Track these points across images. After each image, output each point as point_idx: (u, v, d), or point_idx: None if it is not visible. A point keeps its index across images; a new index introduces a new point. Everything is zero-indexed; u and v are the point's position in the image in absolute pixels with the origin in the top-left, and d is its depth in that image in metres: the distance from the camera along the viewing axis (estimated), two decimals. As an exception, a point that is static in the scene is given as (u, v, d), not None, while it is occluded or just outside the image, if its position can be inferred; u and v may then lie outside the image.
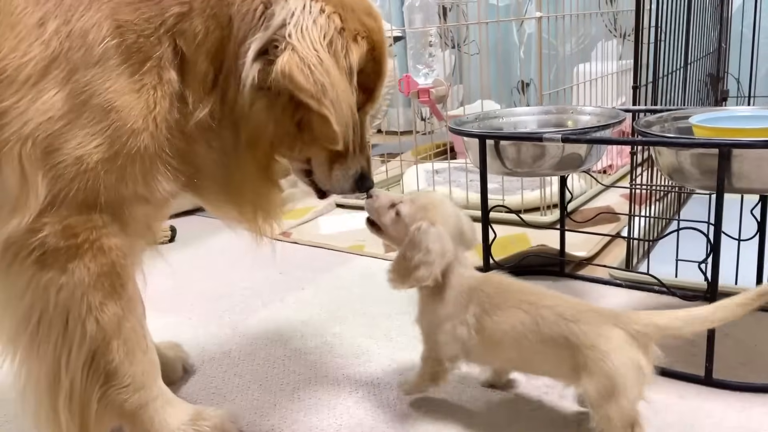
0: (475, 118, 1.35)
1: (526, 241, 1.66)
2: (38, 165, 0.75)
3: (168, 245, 1.91)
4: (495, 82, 3.05)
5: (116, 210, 0.81)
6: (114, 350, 0.84)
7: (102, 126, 0.77)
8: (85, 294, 0.80)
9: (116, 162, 0.79)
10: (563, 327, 0.84)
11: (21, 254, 0.77)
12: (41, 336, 0.80)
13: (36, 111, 0.74)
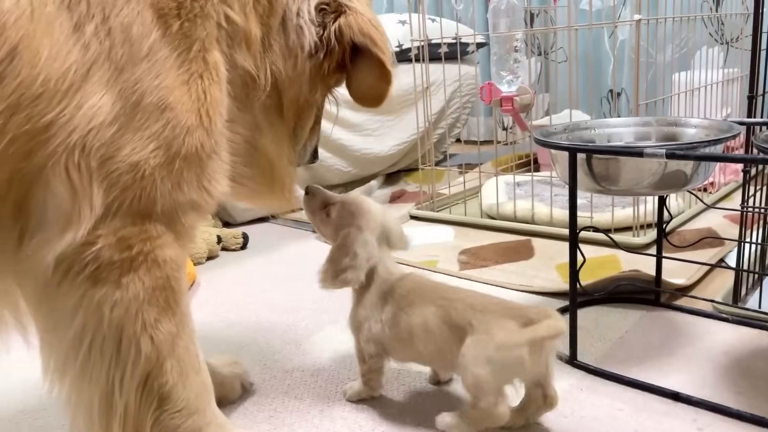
0: (564, 128, 1.23)
1: (616, 264, 1.52)
2: (90, 175, 0.69)
3: (240, 252, 1.90)
4: (584, 92, 2.89)
5: (171, 219, 0.75)
6: (168, 371, 0.78)
7: (158, 127, 0.72)
8: (140, 310, 0.75)
9: (173, 166, 0.73)
10: (470, 315, 0.91)
11: (72, 270, 0.71)
12: (94, 358, 0.74)
13: (82, 118, 0.68)
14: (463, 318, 0.92)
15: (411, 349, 0.99)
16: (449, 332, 0.93)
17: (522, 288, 1.46)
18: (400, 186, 2.55)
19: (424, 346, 0.96)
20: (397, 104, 2.57)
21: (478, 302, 0.94)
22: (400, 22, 2.63)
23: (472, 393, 0.89)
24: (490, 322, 0.89)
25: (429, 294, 0.98)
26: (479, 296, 0.96)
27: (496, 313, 0.91)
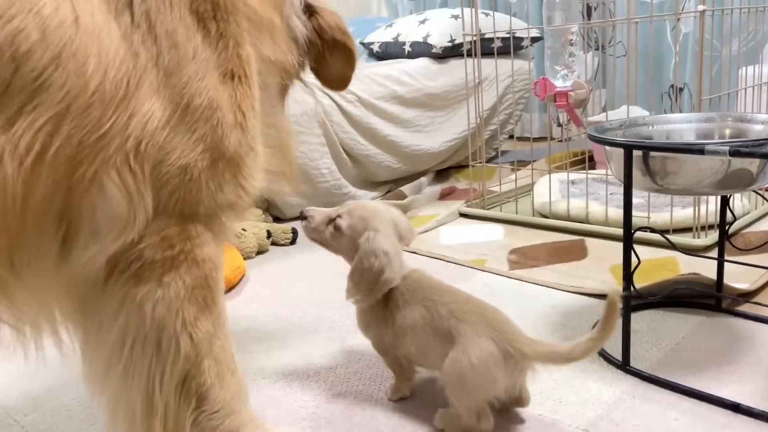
0: (620, 124, 1.19)
1: (674, 266, 1.46)
2: (144, 179, 0.70)
3: (289, 247, 1.91)
4: (643, 87, 2.78)
5: (211, 219, 0.76)
6: (206, 371, 0.78)
7: (206, 129, 0.73)
8: (180, 309, 0.75)
9: (217, 168, 0.74)
10: (451, 323, 0.92)
11: (117, 269, 0.72)
12: (136, 357, 0.74)
13: (137, 125, 0.68)
14: (445, 326, 0.93)
15: (405, 348, 1.00)
16: (433, 337, 0.94)
17: (573, 289, 1.41)
18: (450, 183, 2.52)
19: (414, 346, 0.98)
20: (449, 100, 2.54)
21: (461, 309, 0.94)
22: (453, 17, 2.60)
23: (455, 408, 0.92)
24: (468, 337, 0.90)
25: (421, 294, 0.98)
26: (464, 302, 0.96)
27: (476, 325, 0.91)
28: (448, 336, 0.92)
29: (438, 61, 2.56)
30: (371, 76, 2.36)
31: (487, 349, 0.88)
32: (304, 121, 2.12)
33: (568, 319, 1.29)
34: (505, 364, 0.88)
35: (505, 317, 0.94)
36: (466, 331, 0.91)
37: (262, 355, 1.23)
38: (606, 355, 1.12)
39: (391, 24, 2.78)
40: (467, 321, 0.92)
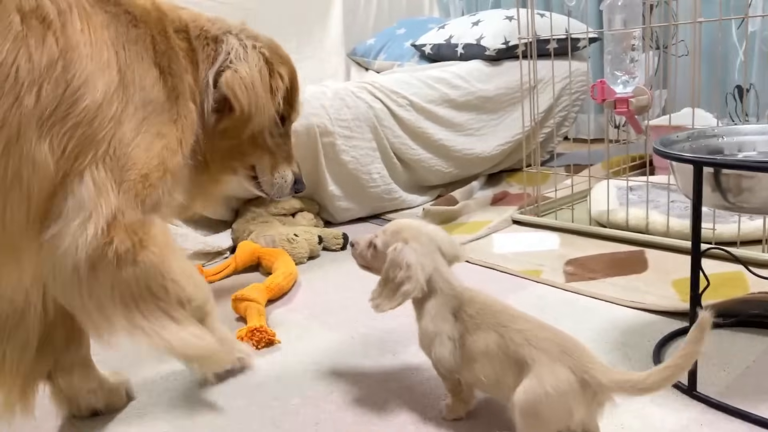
0: (688, 136, 1.13)
1: (743, 282, 1.39)
2: (113, 179, 0.93)
3: (339, 253, 1.91)
4: (707, 88, 2.67)
5: (157, 212, 1.02)
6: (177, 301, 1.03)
7: (159, 148, 1.00)
8: (157, 267, 0.99)
9: (166, 178, 1.01)
10: (526, 351, 0.89)
11: (102, 263, 0.93)
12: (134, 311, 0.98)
13: (119, 138, 0.95)
14: (520, 353, 0.90)
15: (472, 374, 0.97)
16: (507, 364, 0.91)
17: (633, 305, 1.36)
18: (502, 187, 2.48)
19: (483, 373, 0.95)
20: (502, 102, 2.50)
21: (536, 336, 0.90)
22: (507, 18, 2.55)
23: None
24: (544, 365, 0.86)
25: (492, 319, 0.95)
26: (538, 328, 0.92)
27: (552, 352, 0.87)
28: (522, 364, 0.89)
29: (491, 63, 2.52)
30: (423, 79, 2.33)
31: (563, 378, 0.85)
32: (355, 126, 2.11)
33: (628, 337, 1.24)
34: (582, 395, 0.84)
35: (581, 344, 0.89)
36: (541, 359, 0.87)
37: (314, 367, 1.23)
38: (670, 378, 1.07)
39: (444, 25, 2.75)
40: (543, 348, 0.88)
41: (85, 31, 0.93)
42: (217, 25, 1.19)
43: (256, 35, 1.22)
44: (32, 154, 0.87)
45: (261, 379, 1.19)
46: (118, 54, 0.97)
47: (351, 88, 2.16)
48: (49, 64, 0.88)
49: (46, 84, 0.88)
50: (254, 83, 1.14)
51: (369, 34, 3.13)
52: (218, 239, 1.94)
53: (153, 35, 1.04)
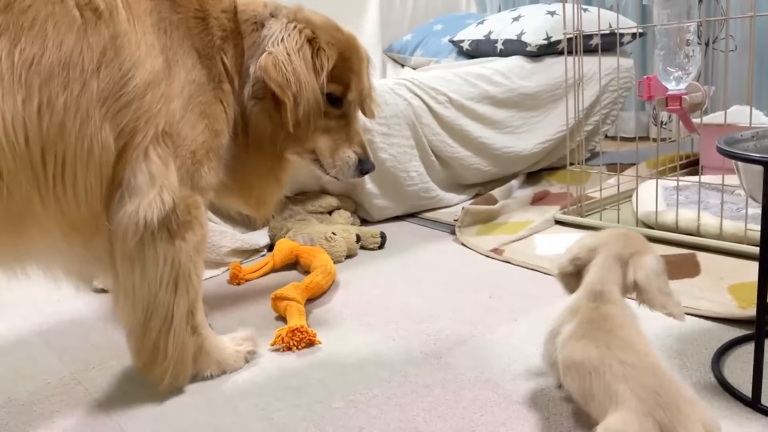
0: (753, 135, 1.08)
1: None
2: (172, 153, 1.04)
3: (377, 252, 1.88)
4: (758, 85, 2.58)
5: (204, 193, 1.11)
6: (197, 299, 1.13)
7: (202, 127, 1.08)
8: (193, 256, 1.08)
9: (210, 155, 1.10)
10: (620, 387, 0.83)
11: (162, 230, 1.03)
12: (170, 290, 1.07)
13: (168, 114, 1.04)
14: (612, 386, 0.84)
15: (566, 382, 0.94)
16: (597, 388, 0.87)
17: (688, 310, 1.30)
18: (542, 186, 2.42)
19: (571, 382, 0.93)
20: (543, 99, 2.44)
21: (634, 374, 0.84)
22: (549, 13, 2.49)
23: None
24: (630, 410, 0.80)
25: (602, 336, 0.91)
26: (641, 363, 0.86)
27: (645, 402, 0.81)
28: (612, 396, 0.84)
29: (532, 59, 2.46)
30: (463, 76, 2.29)
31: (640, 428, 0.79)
32: (393, 123, 2.08)
33: (683, 345, 1.19)
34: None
35: (677, 385, 0.84)
36: (629, 402, 0.81)
37: (357, 369, 1.20)
38: (731, 388, 1.02)
39: (483, 21, 2.70)
40: (634, 389, 0.82)
41: (130, 19, 1.01)
42: (268, 9, 1.20)
43: (307, 17, 1.21)
44: (99, 131, 0.97)
45: (303, 381, 1.17)
46: (161, 38, 1.04)
47: (390, 84, 2.13)
48: (103, 51, 0.97)
49: (103, 68, 0.97)
50: (290, 62, 1.14)
51: (405, 30, 3.09)
52: (256, 237, 1.93)
53: (192, 19, 1.10)
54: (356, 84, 1.28)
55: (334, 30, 1.24)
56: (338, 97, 1.26)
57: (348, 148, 1.29)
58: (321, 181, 2.04)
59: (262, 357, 1.27)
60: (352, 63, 1.26)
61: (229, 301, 1.57)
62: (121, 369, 1.25)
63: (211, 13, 1.13)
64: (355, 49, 1.27)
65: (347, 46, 1.25)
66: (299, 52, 1.16)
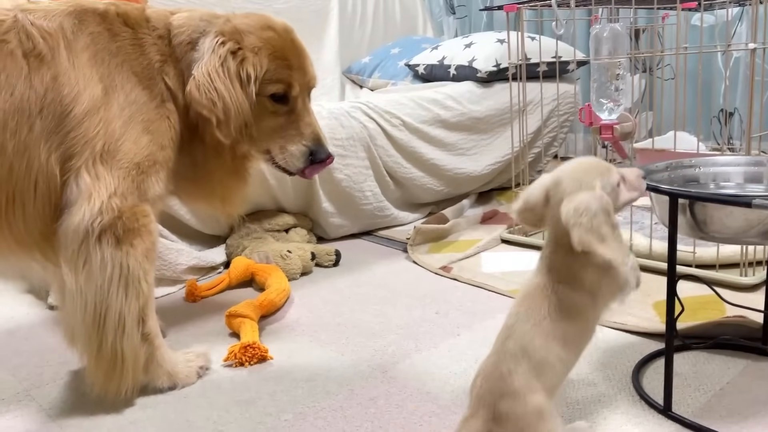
0: (666, 166, 1.19)
1: (719, 306, 1.44)
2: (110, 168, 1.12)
3: (332, 269, 1.95)
4: (692, 111, 2.74)
5: (153, 204, 1.18)
6: (149, 306, 1.20)
7: (146, 142, 1.17)
8: (142, 261, 1.16)
9: (155, 167, 1.18)
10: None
11: (106, 235, 1.11)
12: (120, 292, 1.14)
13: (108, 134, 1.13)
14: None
15: None
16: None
17: (614, 325, 1.41)
18: (492, 206, 2.53)
19: None
20: (493, 123, 2.55)
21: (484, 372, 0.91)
22: (499, 41, 2.61)
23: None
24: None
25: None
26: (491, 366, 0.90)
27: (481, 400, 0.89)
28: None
29: (483, 85, 2.58)
30: (416, 100, 2.39)
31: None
32: (349, 145, 2.16)
33: (609, 358, 1.29)
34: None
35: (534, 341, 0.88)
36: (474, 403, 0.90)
37: (306, 383, 1.27)
38: (647, 398, 1.12)
39: (437, 46, 2.81)
40: (477, 394, 0.90)
41: (70, 58, 1.12)
42: (201, 27, 1.25)
43: (234, 27, 1.24)
44: (44, 166, 1.10)
45: (254, 395, 1.23)
46: (99, 68, 1.14)
47: (346, 107, 2.21)
48: (46, 91, 1.10)
49: (45, 109, 1.09)
50: (212, 83, 1.19)
51: (364, 52, 3.19)
52: (212, 254, 1.97)
53: (129, 46, 1.19)
54: (298, 78, 1.30)
55: (264, 30, 1.26)
56: (283, 95, 1.29)
57: (299, 141, 1.32)
58: (278, 199, 2.10)
59: (215, 372, 1.33)
60: (290, 60, 1.29)
61: (185, 318, 1.62)
62: (75, 384, 1.29)
63: (146, 40, 1.21)
64: (290, 45, 1.29)
65: (281, 45, 1.27)
66: (222, 69, 1.20)
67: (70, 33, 1.14)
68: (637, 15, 2.44)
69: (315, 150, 1.33)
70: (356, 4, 3.21)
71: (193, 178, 1.33)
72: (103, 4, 1.21)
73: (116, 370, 1.16)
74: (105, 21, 1.18)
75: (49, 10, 1.15)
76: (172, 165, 1.23)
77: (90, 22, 1.17)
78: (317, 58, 3.00)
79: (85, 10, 1.18)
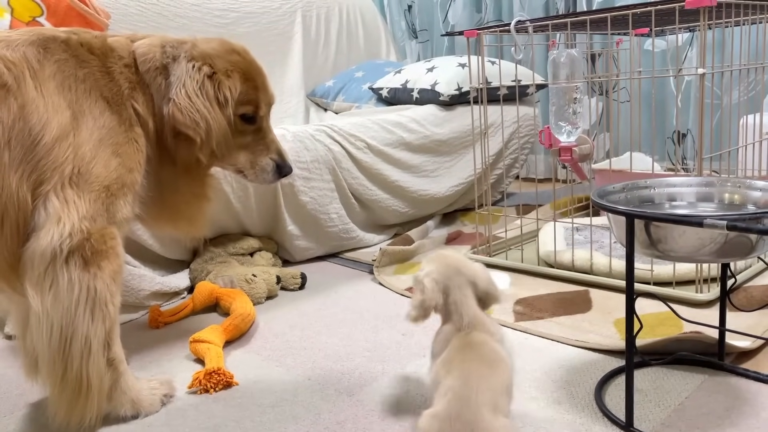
0: (623, 188, 1.23)
1: (677, 322, 1.48)
2: (81, 192, 1.12)
3: (298, 292, 1.94)
4: (647, 132, 2.84)
5: (120, 226, 1.19)
6: (115, 329, 1.19)
7: (116, 165, 1.18)
8: (109, 285, 1.15)
9: (123, 190, 1.19)
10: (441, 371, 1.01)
11: (73, 257, 1.10)
12: (87, 315, 1.13)
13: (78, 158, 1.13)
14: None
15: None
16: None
17: (577, 344, 1.44)
18: (456, 226, 2.56)
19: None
20: (455, 146, 2.59)
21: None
22: (460, 65, 2.66)
23: None
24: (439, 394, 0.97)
25: (458, 366, 0.99)
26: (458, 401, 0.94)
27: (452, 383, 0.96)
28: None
29: (445, 108, 2.62)
30: (380, 123, 2.41)
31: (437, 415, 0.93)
32: (314, 167, 2.17)
33: (572, 375, 1.31)
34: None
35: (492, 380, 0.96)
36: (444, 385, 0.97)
37: (272, 408, 1.26)
38: (609, 414, 1.14)
39: (400, 70, 2.85)
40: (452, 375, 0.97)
41: (37, 87, 1.13)
42: (168, 54, 1.29)
43: (203, 52, 1.30)
44: (15, 194, 1.09)
45: (219, 422, 1.21)
46: (67, 95, 1.15)
47: (310, 130, 2.23)
48: (14, 122, 1.09)
49: (13, 139, 1.09)
50: (193, 104, 1.24)
51: (328, 75, 3.21)
52: (176, 279, 1.95)
53: (97, 72, 1.21)
54: (263, 98, 1.39)
55: (230, 54, 1.33)
56: (251, 116, 1.37)
57: (266, 156, 1.41)
58: (242, 222, 2.09)
59: (180, 400, 1.30)
60: (256, 81, 1.37)
61: (148, 345, 1.59)
62: (35, 415, 1.26)
63: (114, 69, 1.24)
64: (253, 66, 1.37)
65: (247, 67, 1.35)
66: (201, 92, 1.26)
67: (36, 62, 1.14)
68: (593, 40, 2.52)
69: (281, 164, 1.43)
70: (320, 28, 3.24)
71: (160, 199, 1.34)
72: (64, 33, 1.21)
73: (81, 396, 1.14)
74: (69, 48, 1.19)
75: (10, 40, 1.14)
76: (138, 188, 1.24)
77: (55, 50, 1.17)
78: (281, 81, 3.01)
79: (48, 38, 1.18)
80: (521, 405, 1.21)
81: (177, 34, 2.66)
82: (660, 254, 1.06)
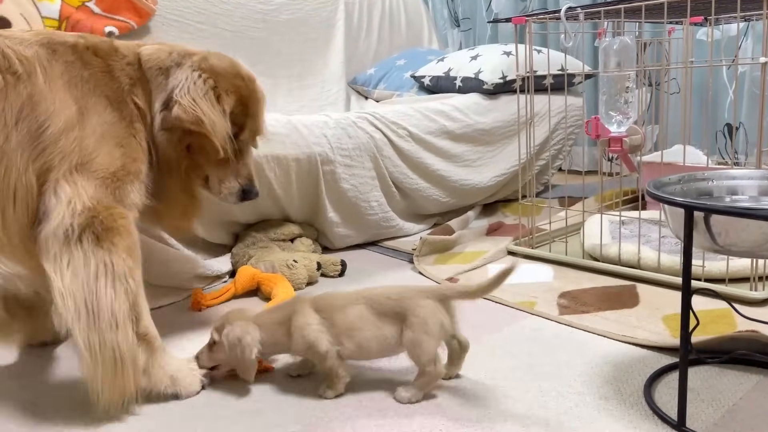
0: (679, 179, 1.18)
1: (731, 319, 1.43)
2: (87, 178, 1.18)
3: (337, 279, 1.94)
4: (698, 125, 2.75)
5: (130, 208, 1.24)
6: (141, 303, 1.23)
7: (119, 154, 1.24)
8: (126, 258, 1.19)
9: (129, 177, 1.25)
10: (392, 304, 1.20)
11: (85, 234, 1.16)
12: (108, 288, 1.17)
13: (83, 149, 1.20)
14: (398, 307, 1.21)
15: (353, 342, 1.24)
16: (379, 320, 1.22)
17: (624, 339, 1.40)
18: (497, 217, 2.52)
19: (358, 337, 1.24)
20: (498, 135, 2.55)
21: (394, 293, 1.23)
22: (505, 53, 2.61)
23: (420, 363, 1.18)
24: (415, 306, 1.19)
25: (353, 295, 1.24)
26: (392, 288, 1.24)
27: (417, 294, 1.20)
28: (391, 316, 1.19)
29: (489, 97, 2.58)
30: (423, 111, 2.39)
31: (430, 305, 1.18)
32: (356, 155, 2.15)
33: (620, 372, 1.27)
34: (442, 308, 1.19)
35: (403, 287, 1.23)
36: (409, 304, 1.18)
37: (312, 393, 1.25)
38: (660, 413, 1.11)
39: (443, 58, 2.81)
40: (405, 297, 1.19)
41: (46, 81, 1.19)
42: (173, 58, 1.36)
43: (212, 66, 1.36)
44: (23, 175, 1.15)
45: (260, 407, 1.22)
46: (73, 92, 1.22)
47: (352, 118, 2.21)
48: (22, 107, 1.16)
49: (21, 122, 1.15)
50: (197, 105, 1.30)
51: (369, 63, 3.19)
52: (218, 263, 1.97)
53: (99, 72, 1.28)
54: (251, 125, 1.44)
55: (234, 77, 1.39)
56: (233, 137, 1.40)
57: (234, 179, 1.45)
58: (284, 209, 2.09)
59: (218, 383, 1.31)
60: (249, 107, 1.42)
61: (190, 327, 1.60)
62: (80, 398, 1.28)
63: (116, 67, 1.31)
64: (252, 94, 1.43)
65: (245, 93, 1.41)
66: (205, 97, 1.32)
67: (46, 61, 1.21)
68: (643, 29, 2.44)
69: (248, 190, 1.47)
70: (362, 16, 3.22)
71: (154, 196, 1.38)
72: (72, 37, 1.28)
73: (117, 370, 1.16)
74: (76, 52, 1.26)
75: (23, 39, 1.21)
76: (144, 178, 1.29)
77: (63, 53, 1.24)
78: (323, 69, 3.00)
79: (57, 42, 1.25)
80: (567, 399, 1.18)
81: (222, 19, 2.68)
82: (719, 249, 1.02)
